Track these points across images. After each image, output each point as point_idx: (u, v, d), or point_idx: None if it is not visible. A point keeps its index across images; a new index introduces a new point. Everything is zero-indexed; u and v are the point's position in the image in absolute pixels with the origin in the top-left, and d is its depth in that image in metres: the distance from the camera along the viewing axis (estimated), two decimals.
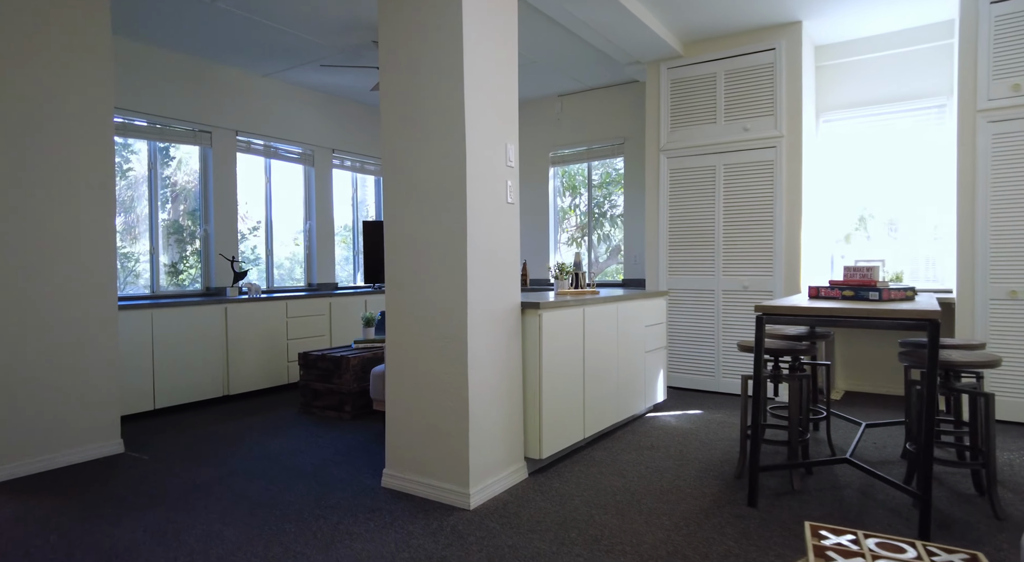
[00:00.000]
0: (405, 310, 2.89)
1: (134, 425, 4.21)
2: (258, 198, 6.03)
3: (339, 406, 4.36)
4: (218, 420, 4.34)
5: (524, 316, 3.07)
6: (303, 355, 4.53)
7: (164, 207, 5.39)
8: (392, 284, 2.94)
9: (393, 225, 2.93)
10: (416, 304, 2.85)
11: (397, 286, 2.92)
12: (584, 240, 6.75)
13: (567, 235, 6.92)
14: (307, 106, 6.23)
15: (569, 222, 6.92)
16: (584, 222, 6.74)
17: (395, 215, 2.92)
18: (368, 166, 7.05)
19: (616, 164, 6.45)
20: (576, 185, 6.81)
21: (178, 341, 4.60)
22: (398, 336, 2.92)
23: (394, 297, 2.93)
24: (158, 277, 5.19)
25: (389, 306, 2.95)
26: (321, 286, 6.42)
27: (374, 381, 3.92)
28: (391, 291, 2.94)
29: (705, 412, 4.37)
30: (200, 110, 5.29)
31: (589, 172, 6.53)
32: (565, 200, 6.92)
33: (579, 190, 6.80)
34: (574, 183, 6.83)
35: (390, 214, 2.94)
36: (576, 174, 6.78)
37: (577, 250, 4.03)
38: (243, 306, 5.05)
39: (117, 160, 5.14)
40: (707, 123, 5.00)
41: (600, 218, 6.61)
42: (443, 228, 2.76)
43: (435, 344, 2.79)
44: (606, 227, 6.63)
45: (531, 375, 3.06)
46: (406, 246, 2.88)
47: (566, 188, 6.89)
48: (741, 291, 4.88)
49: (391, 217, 2.94)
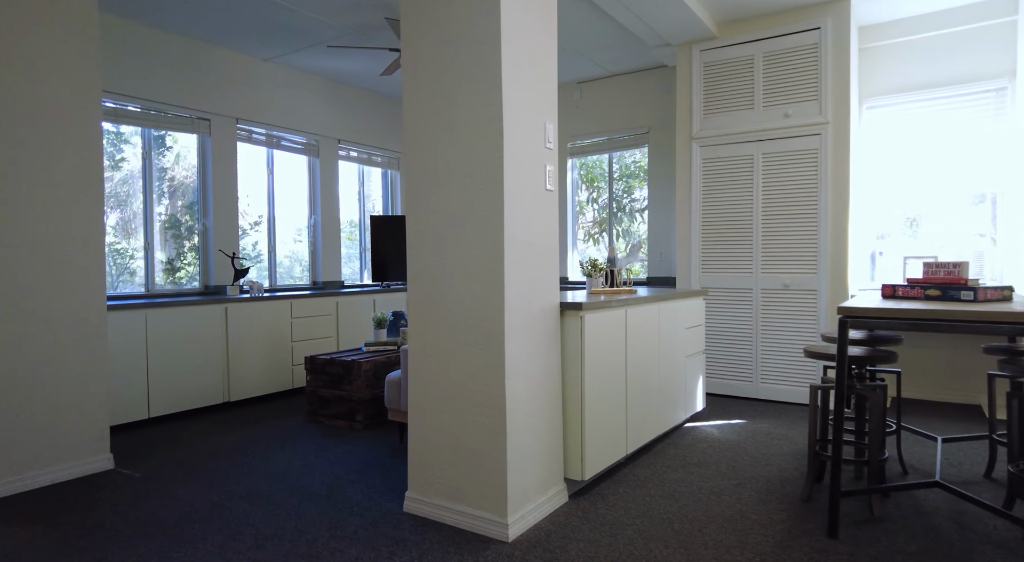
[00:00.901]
0: (430, 312, 2.54)
1: (126, 436, 3.86)
2: (260, 191, 5.67)
3: (350, 415, 4.01)
4: (218, 430, 3.99)
5: (563, 318, 2.72)
6: (310, 359, 4.18)
7: (160, 200, 5.04)
8: (415, 284, 2.58)
9: (417, 217, 2.57)
10: (443, 306, 2.50)
11: (421, 286, 2.57)
12: (603, 236, 6.40)
13: (583, 231, 6.57)
14: (311, 93, 5.87)
15: (585, 217, 6.57)
16: (603, 217, 6.39)
17: (419, 205, 2.57)
18: (376, 158, 6.69)
19: (634, 156, 6.09)
20: (595, 177, 6.46)
21: (175, 344, 4.24)
22: (421, 342, 2.57)
23: (417, 298, 2.58)
24: (153, 275, 4.83)
25: (412, 309, 2.60)
26: (327, 284, 6.07)
27: (389, 388, 3.57)
28: (414, 292, 2.59)
29: (748, 422, 4.02)
30: (198, 96, 4.93)
31: (610, 163, 6.17)
32: (582, 194, 6.56)
33: (597, 183, 6.44)
34: (592, 175, 6.48)
35: (413, 204, 2.58)
36: (594, 166, 6.43)
37: (611, 245, 3.67)
38: (244, 306, 4.70)
39: (110, 150, 4.79)
40: (744, 109, 4.64)
41: (617, 213, 6.25)
42: (476, 219, 2.40)
43: (466, 351, 2.43)
44: (624, 222, 6.28)
45: (571, 385, 2.71)
46: (432, 240, 2.53)
47: (584, 181, 6.53)
48: (781, 290, 4.53)
49: (415, 207, 2.58)
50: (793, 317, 4.49)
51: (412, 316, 2.60)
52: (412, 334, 2.60)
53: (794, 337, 4.48)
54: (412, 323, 2.60)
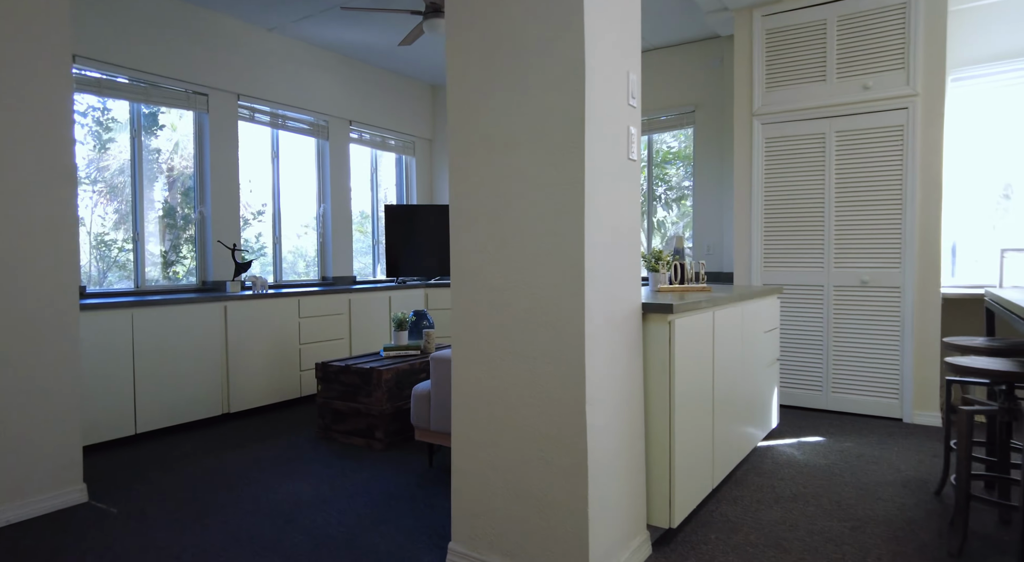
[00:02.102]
0: (480, 317, 1.98)
1: (107, 457, 3.32)
2: (264, 176, 5.12)
3: (368, 432, 3.46)
4: (215, 449, 3.44)
5: (645, 324, 2.16)
6: (322, 366, 3.63)
7: (152, 185, 4.49)
8: (461, 281, 2.03)
9: (464, 196, 2.02)
10: (499, 309, 1.94)
11: (468, 283, 2.01)
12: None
13: None
14: (320, 69, 5.30)
15: None
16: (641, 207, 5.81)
17: (467, 182, 2.01)
18: (389, 141, 6.13)
19: (676, 138, 5.52)
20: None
21: (166, 348, 3.70)
22: (469, 354, 2.01)
23: (464, 299, 2.02)
24: (143, 269, 4.29)
25: (457, 312, 2.05)
26: (338, 280, 5.52)
27: (416, 404, 3.03)
28: (459, 291, 2.03)
29: (829, 440, 3.46)
30: (194, 68, 4.37)
31: (651, 146, 5.60)
32: None
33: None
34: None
35: (460, 180, 2.03)
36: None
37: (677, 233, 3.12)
38: (246, 304, 4.15)
39: (95, 129, 4.23)
40: (814, 81, 4.07)
41: (653, 202, 5.68)
42: (546, 197, 1.84)
43: (530, 367, 1.88)
44: (658, 212, 5.71)
45: (656, 408, 2.15)
46: (484, 225, 1.97)
47: None
48: (857, 287, 3.96)
49: (462, 184, 2.02)
50: (871, 318, 3.92)
51: (457, 322, 2.04)
52: (457, 344, 2.05)
53: (872, 341, 3.91)
54: (457, 331, 2.05)
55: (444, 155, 6.46)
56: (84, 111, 4.26)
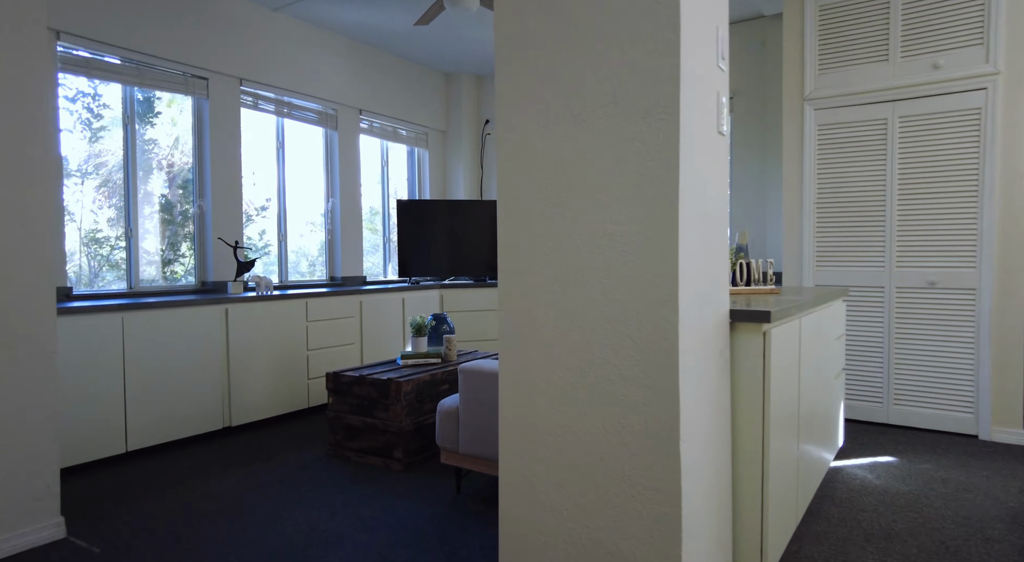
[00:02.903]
0: (537, 327, 1.61)
1: (93, 480, 2.96)
2: (268, 168, 4.76)
3: (386, 451, 3.10)
4: (214, 469, 3.08)
5: (733, 333, 1.79)
6: (333, 376, 3.27)
7: (148, 178, 4.13)
8: (510, 280, 1.66)
9: (515, 178, 1.65)
10: (563, 318, 1.57)
11: (521, 287, 1.64)
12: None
13: None
14: (329, 53, 4.94)
15: None
16: None
17: (520, 159, 1.64)
18: (401, 131, 5.76)
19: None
20: None
21: (161, 354, 3.33)
22: (523, 373, 1.64)
23: (515, 306, 1.65)
24: (136, 268, 3.92)
25: (507, 322, 1.68)
26: (347, 280, 5.16)
27: (442, 422, 2.66)
28: (509, 295, 1.66)
29: (902, 461, 3.08)
30: (193, 48, 4.01)
31: None
32: None
33: None
34: None
35: (511, 158, 1.65)
36: None
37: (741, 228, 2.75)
38: (249, 306, 3.79)
39: (87, 116, 3.87)
40: (874, 61, 3.69)
41: None
42: (624, 175, 1.47)
43: (605, 390, 1.51)
44: None
45: (745, 436, 1.78)
46: (543, 212, 1.60)
47: None
48: (925, 289, 3.58)
49: (512, 164, 1.65)
50: (940, 323, 3.54)
51: (508, 334, 1.67)
52: (507, 360, 1.68)
53: (941, 348, 3.53)
54: (507, 344, 1.67)
55: (459, 148, 6.09)
56: (74, 97, 3.90)
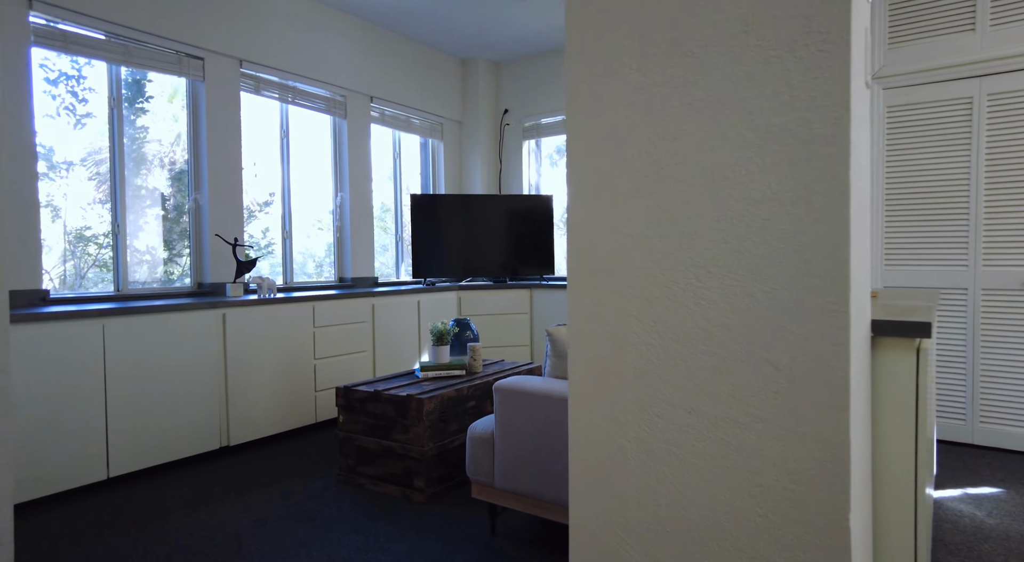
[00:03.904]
0: (628, 346, 1.19)
1: (65, 514, 2.55)
2: (272, 159, 4.35)
3: (405, 479, 2.68)
4: (208, 498, 2.67)
5: (875, 350, 1.36)
6: (344, 391, 2.85)
7: (139, 169, 3.73)
8: (586, 289, 1.24)
9: (594, 143, 1.23)
10: (666, 335, 1.15)
11: (599, 287, 1.22)
12: None
13: None
14: (337, 34, 4.53)
15: None
16: None
17: (601, 119, 1.22)
18: (414, 121, 5.34)
19: None
20: None
21: (148, 366, 2.93)
22: (602, 403, 1.22)
23: (590, 311, 1.23)
24: (125, 269, 3.52)
25: (579, 337, 1.25)
26: (357, 281, 4.75)
27: (474, 450, 2.24)
28: (582, 301, 1.24)
29: (1008, 491, 2.64)
30: (188, 24, 3.61)
31: None
32: None
33: None
34: None
35: (585, 115, 1.23)
36: None
37: None
38: (249, 311, 3.38)
39: (71, 101, 3.47)
40: (957, 31, 3.25)
41: None
42: (765, 132, 1.05)
43: (728, 436, 1.09)
44: None
45: (891, 483, 1.35)
46: (632, 189, 1.18)
47: None
48: (1018, 291, 3.13)
49: (587, 121, 1.23)
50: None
51: (581, 351, 1.25)
52: (580, 385, 1.26)
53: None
54: (581, 365, 1.25)
55: (475, 139, 5.68)
56: (56, 78, 3.51)
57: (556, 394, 2.00)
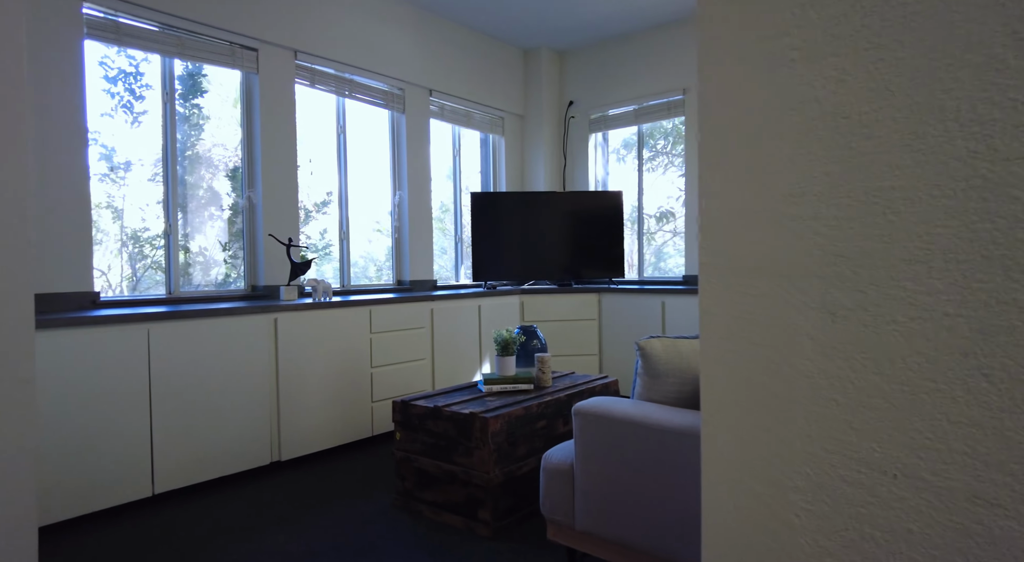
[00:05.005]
0: (791, 372, 0.82)
1: (108, 534, 2.37)
2: (328, 156, 4.17)
3: (469, 509, 2.37)
4: (256, 521, 2.44)
5: None
6: (402, 406, 2.58)
7: (194, 169, 3.60)
8: (726, 286, 0.88)
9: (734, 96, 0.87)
10: (860, 356, 0.78)
11: (748, 290, 0.86)
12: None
13: None
14: (395, 24, 4.31)
15: None
16: None
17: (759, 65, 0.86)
18: (475, 115, 5.07)
19: None
20: None
21: (196, 375, 2.74)
22: (755, 454, 0.86)
23: (732, 325, 0.87)
24: (177, 271, 3.38)
25: (713, 352, 0.90)
26: (415, 285, 4.51)
27: (551, 484, 1.90)
28: (719, 306, 0.88)
29: None
30: (241, 15, 3.45)
31: None
32: None
33: None
34: None
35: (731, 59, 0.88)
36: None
37: None
38: (303, 315, 3.17)
39: (128, 100, 3.36)
40: None
41: None
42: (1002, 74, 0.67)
43: (967, 518, 0.70)
44: None
45: None
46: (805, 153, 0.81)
47: None
48: None
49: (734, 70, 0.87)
50: None
51: (718, 378, 0.89)
52: (716, 427, 0.90)
53: None
54: (717, 398, 0.89)
55: (538, 133, 5.36)
56: (114, 77, 3.41)
57: (653, 423, 1.64)
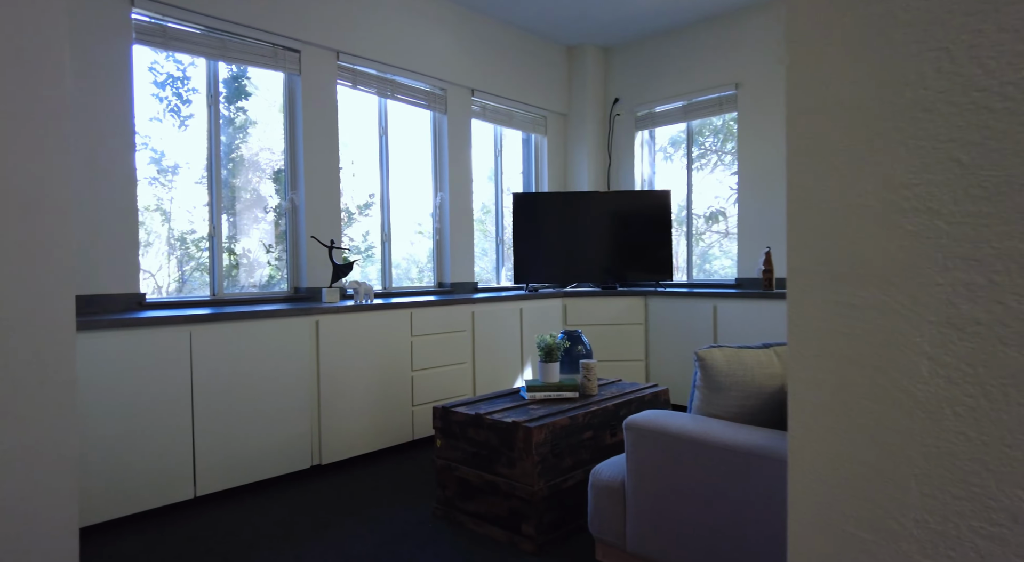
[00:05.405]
0: (907, 399, 0.69)
1: (150, 536, 2.36)
2: (370, 158, 4.14)
3: (511, 522, 2.27)
4: (296, 528, 2.40)
5: None
6: (442, 413, 2.50)
7: (240, 173, 3.62)
8: (822, 292, 0.75)
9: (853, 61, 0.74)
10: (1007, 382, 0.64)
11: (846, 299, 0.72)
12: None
13: None
14: (436, 23, 4.25)
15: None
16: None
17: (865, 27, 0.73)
18: (517, 115, 4.98)
19: None
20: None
21: (237, 377, 2.73)
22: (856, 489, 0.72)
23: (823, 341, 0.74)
24: (220, 273, 3.40)
25: (803, 373, 0.77)
26: (456, 287, 4.44)
27: (600, 502, 1.79)
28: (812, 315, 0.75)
29: None
30: (283, 16, 3.44)
31: None
32: None
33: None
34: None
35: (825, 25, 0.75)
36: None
37: None
38: (344, 318, 3.13)
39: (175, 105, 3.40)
40: None
41: None
42: None
43: None
44: None
45: None
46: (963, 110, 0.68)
47: None
48: None
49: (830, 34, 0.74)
50: None
51: (805, 400, 0.76)
52: (810, 464, 0.77)
53: None
54: (805, 421, 0.77)
55: (582, 132, 5.23)
56: (163, 81, 3.45)
57: (714, 440, 1.51)
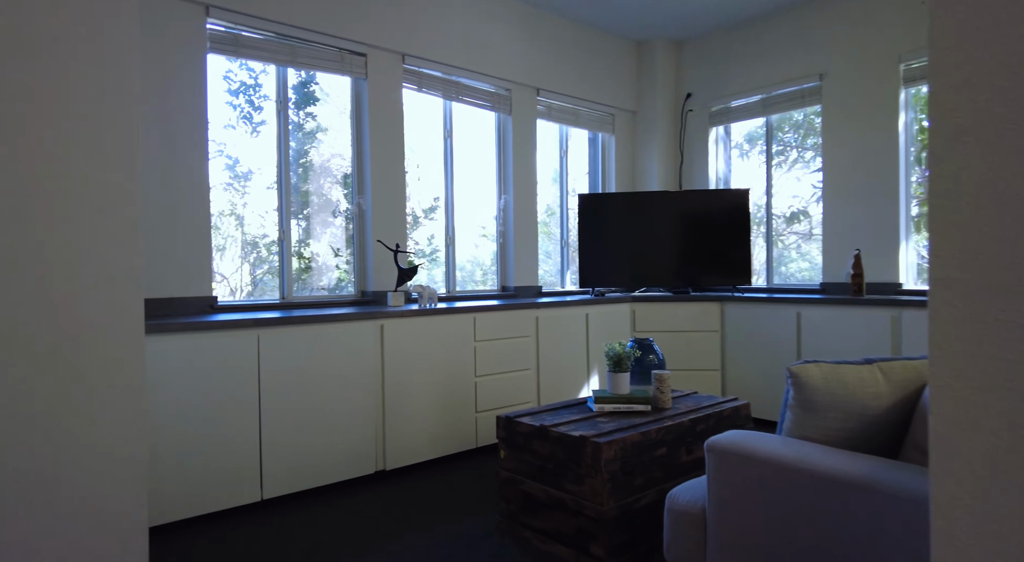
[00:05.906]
0: None
1: (218, 537, 2.39)
2: (435, 161, 4.11)
3: (579, 541, 2.15)
4: (359, 536, 2.36)
5: None
6: (506, 422, 2.41)
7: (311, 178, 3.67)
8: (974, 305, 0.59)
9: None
10: None
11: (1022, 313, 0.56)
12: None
13: (918, 209, 4.10)
14: (500, 22, 4.18)
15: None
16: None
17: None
18: (583, 113, 4.84)
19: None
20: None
21: (304, 380, 2.74)
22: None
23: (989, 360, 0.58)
24: (290, 276, 3.44)
25: (943, 386, 0.61)
26: (520, 291, 4.35)
27: (676, 528, 1.64)
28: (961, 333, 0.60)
29: None
30: (350, 20, 3.46)
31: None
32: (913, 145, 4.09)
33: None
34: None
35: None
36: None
37: None
38: (408, 322, 3.10)
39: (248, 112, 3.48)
40: None
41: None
42: None
43: None
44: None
45: None
46: None
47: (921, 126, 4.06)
48: None
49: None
50: None
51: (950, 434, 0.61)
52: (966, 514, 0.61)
53: None
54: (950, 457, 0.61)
55: (651, 130, 5.03)
56: (236, 89, 3.55)
57: (810, 467, 1.34)
